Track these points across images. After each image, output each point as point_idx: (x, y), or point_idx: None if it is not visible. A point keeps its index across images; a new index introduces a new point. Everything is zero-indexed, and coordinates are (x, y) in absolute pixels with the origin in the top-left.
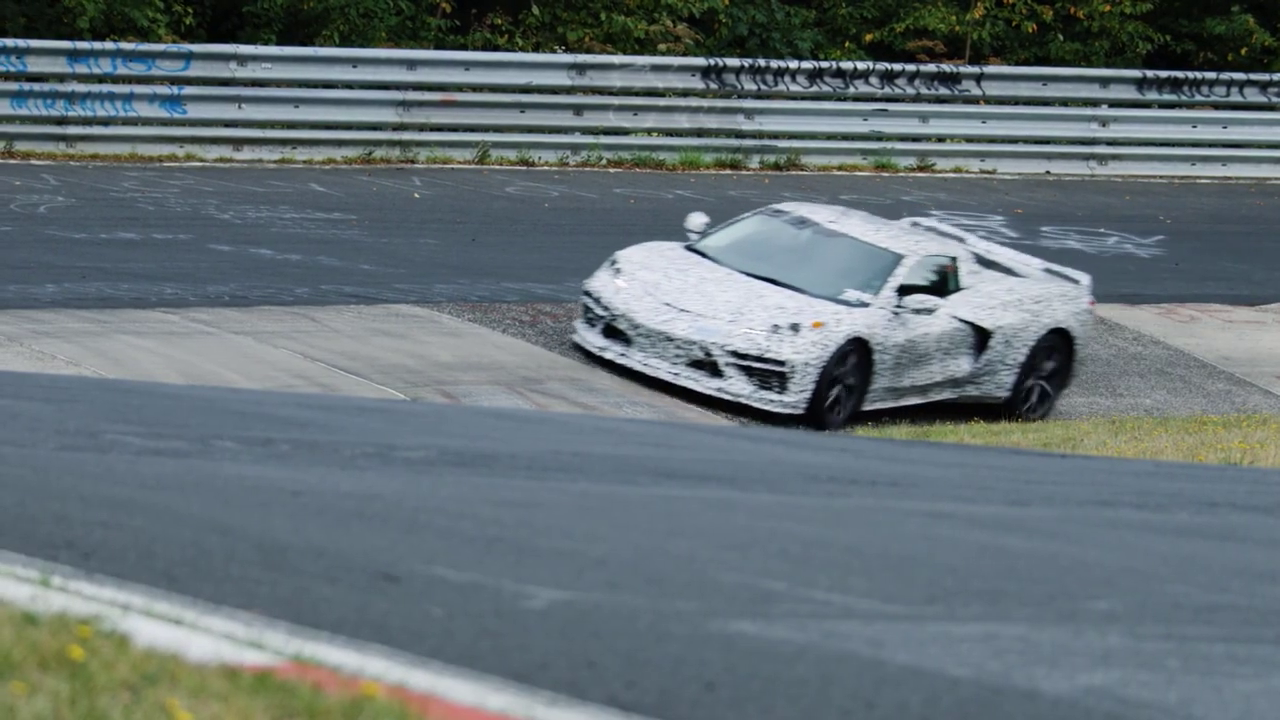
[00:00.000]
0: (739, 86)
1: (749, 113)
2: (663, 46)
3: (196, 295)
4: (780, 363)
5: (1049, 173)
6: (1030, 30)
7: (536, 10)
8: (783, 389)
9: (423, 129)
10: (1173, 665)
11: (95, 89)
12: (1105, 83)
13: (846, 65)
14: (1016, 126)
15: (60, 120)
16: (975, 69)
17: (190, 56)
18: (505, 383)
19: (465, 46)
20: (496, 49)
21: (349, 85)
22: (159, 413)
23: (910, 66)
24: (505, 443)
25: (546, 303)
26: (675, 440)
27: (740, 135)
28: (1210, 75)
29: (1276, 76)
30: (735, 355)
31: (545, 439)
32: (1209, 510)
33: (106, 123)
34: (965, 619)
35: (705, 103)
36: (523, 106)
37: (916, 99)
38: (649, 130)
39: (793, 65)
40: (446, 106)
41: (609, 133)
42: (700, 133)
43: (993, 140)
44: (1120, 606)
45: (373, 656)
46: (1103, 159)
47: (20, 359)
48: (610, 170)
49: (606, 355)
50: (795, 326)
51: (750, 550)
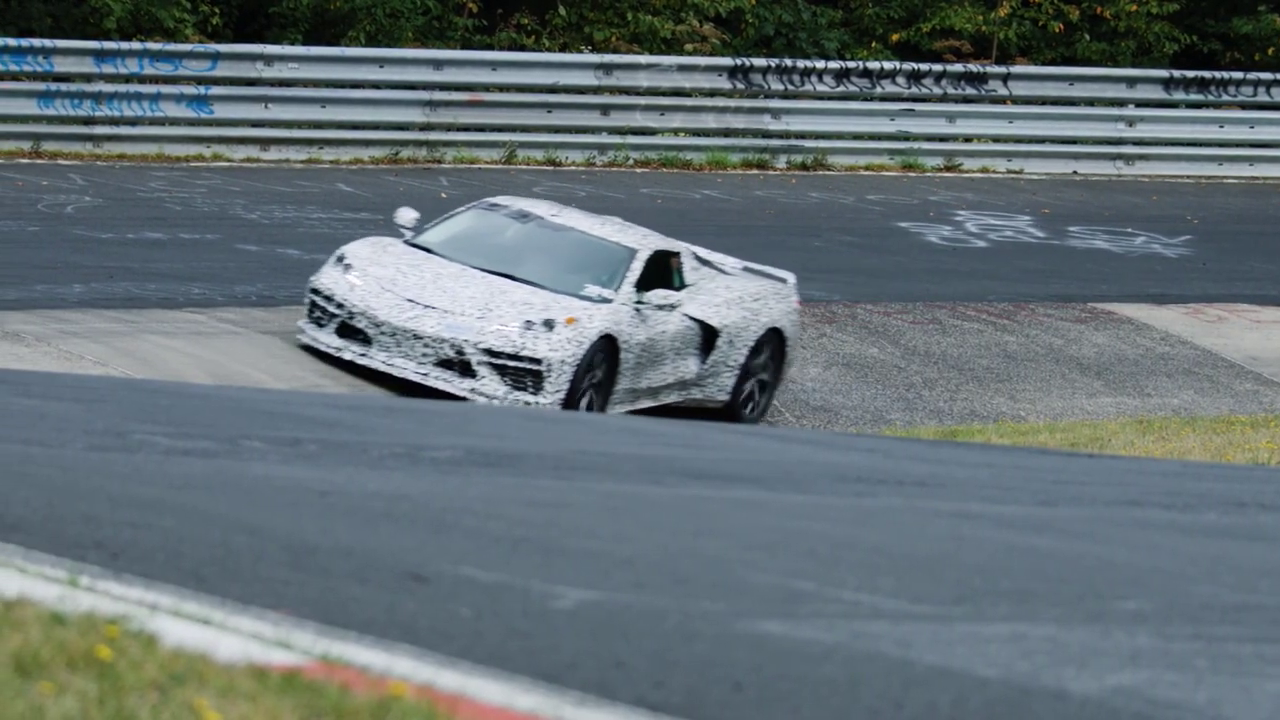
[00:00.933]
0: (765, 86)
1: (775, 113)
2: (689, 46)
3: (224, 295)
4: (537, 360)
5: (1076, 173)
6: (1057, 30)
7: (563, 10)
8: (538, 389)
9: (449, 129)
10: (1201, 665)
11: (122, 89)
12: (1132, 83)
13: (873, 65)
14: (1043, 126)
15: (87, 120)
16: (1002, 69)
17: (217, 56)
18: None
19: (492, 46)
20: (523, 49)
21: (376, 85)
22: (187, 413)
23: (937, 66)
24: (532, 443)
25: None
26: (702, 440)
27: (767, 135)
28: (1237, 75)
29: None
30: (489, 353)
31: (572, 439)
32: (1237, 510)
33: (133, 123)
34: (993, 619)
35: (732, 103)
36: (549, 106)
37: (943, 99)
38: (676, 130)
39: (819, 65)
40: (473, 106)
41: (636, 133)
42: (727, 133)
43: (1019, 140)
44: (1149, 607)
45: (401, 656)
46: (1130, 159)
47: (48, 359)
48: (637, 170)
49: (344, 356)
50: (549, 323)
51: (778, 550)
